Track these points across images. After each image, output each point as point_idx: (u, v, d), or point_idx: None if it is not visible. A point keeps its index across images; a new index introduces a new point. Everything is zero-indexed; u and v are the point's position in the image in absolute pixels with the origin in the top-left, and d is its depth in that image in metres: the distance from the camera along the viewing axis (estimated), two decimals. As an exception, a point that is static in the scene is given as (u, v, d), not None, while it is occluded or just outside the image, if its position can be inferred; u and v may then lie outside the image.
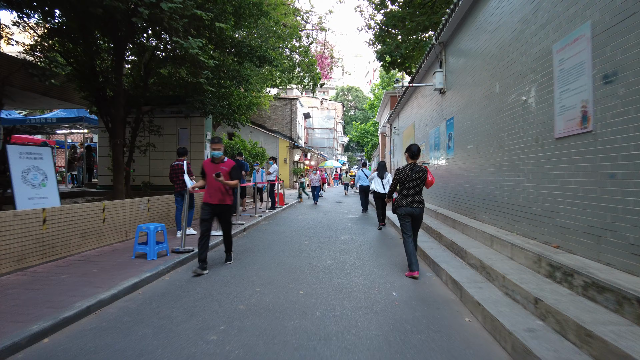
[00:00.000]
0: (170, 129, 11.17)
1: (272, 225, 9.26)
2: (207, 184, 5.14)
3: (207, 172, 5.13)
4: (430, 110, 10.09)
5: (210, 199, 5.07)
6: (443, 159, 8.65)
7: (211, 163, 5.20)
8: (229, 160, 5.28)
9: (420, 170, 4.80)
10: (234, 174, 5.18)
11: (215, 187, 5.06)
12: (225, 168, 5.12)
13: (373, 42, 21.07)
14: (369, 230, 8.66)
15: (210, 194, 5.08)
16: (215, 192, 5.07)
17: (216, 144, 5.13)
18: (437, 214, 7.89)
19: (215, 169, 5.05)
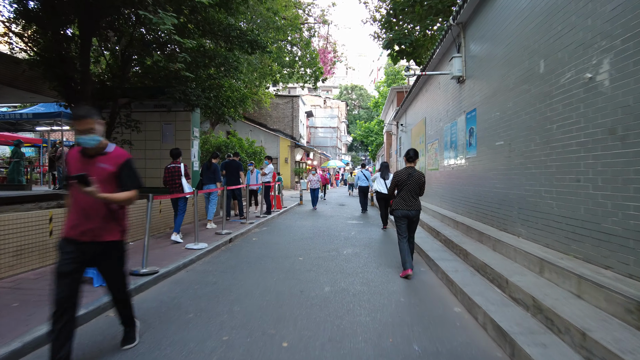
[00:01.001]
0: (154, 124, 10.06)
1: (264, 234, 8.11)
2: (71, 198, 2.58)
3: (70, 172, 2.53)
4: (445, 103, 8.89)
5: (72, 230, 2.51)
6: (462, 158, 7.46)
7: (80, 157, 2.58)
8: (117, 151, 2.71)
9: (418, 174, 4.96)
10: (125, 178, 2.64)
11: (83, 206, 2.51)
12: (107, 167, 2.57)
13: (378, 35, 20.00)
14: (376, 240, 7.49)
15: (73, 221, 2.52)
16: (84, 216, 2.51)
17: (83, 121, 2.45)
18: (457, 222, 6.70)
19: (82, 168, 2.51)
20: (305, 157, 32.94)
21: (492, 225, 5.72)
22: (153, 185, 9.89)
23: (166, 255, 5.56)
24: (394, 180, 5.07)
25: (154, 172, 10.01)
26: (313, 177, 14.32)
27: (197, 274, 4.97)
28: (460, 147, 7.59)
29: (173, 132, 9.95)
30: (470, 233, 5.87)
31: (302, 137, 33.16)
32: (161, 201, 7.61)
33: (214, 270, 5.14)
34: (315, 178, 14.27)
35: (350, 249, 6.58)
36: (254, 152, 15.85)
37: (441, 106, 9.33)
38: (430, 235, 7.21)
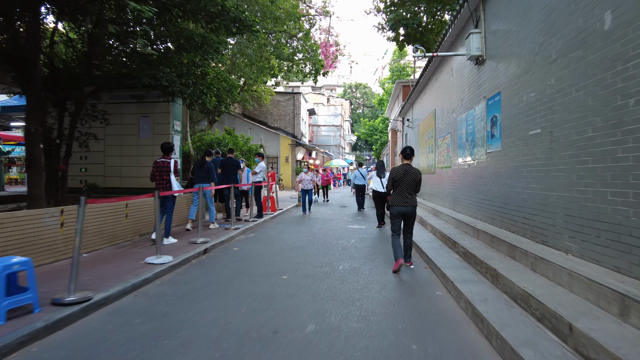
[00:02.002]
0: (130, 117, 9.00)
1: (248, 243, 6.98)
2: None
3: None
4: (460, 91, 7.71)
5: None
6: (481, 153, 6.28)
7: None
8: None
9: (414, 171, 4.98)
10: None
11: None
12: None
13: (382, 27, 18.92)
14: (379, 249, 6.32)
15: None
16: None
17: None
18: (477, 230, 5.52)
19: None
20: (307, 156, 31.81)
21: (525, 235, 4.54)
22: (129, 185, 8.86)
23: (116, 273, 4.45)
24: (390, 177, 5.10)
25: (130, 171, 8.96)
26: (305, 177, 11.70)
27: (147, 299, 3.86)
28: (479, 140, 6.41)
29: (151, 125, 8.87)
30: (497, 245, 4.69)
31: (303, 136, 32.04)
32: (127, 204, 6.51)
33: (171, 294, 4.02)
34: (308, 177, 11.65)
35: (347, 262, 5.42)
36: (249, 150, 14.74)
37: (454, 94, 8.15)
38: (445, 245, 6.03)
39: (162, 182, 6.21)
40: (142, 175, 8.62)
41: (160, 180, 6.21)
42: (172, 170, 6.24)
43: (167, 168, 6.22)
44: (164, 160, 6.27)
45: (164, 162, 6.25)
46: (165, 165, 6.23)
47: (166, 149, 6.38)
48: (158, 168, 6.24)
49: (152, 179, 6.28)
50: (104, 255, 5.44)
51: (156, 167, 6.26)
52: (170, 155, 6.38)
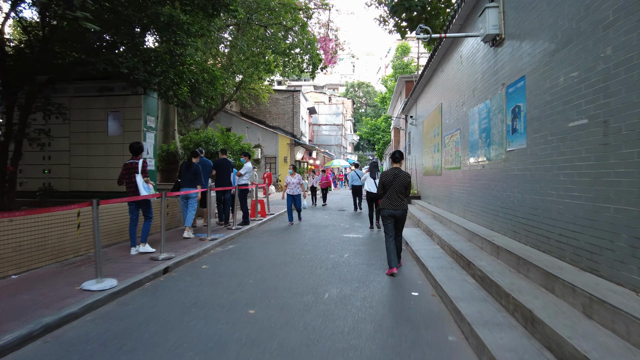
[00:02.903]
0: (98, 112, 8.01)
1: (223, 258, 5.96)
2: None
3: None
4: (471, 79, 6.65)
5: None
6: (499, 151, 5.22)
7: None
8: None
9: (404, 174, 5.00)
10: None
11: None
12: None
13: (384, 19, 17.94)
14: (377, 267, 5.28)
15: None
16: None
17: None
18: (497, 248, 4.46)
19: None
20: (307, 156, 30.81)
21: (563, 258, 3.48)
22: (98, 188, 7.89)
23: (33, 306, 3.45)
24: (380, 180, 5.16)
25: (98, 173, 7.99)
26: (291, 179, 9.52)
27: (56, 349, 2.85)
28: (496, 136, 5.35)
29: (120, 121, 7.87)
30: (525, 269, 3.63)
31: (303, 135, 31.03)
32: (79, 212, 5.52)
33: (95, 338, 3.00)
34: (295, 180, 9.51)
35: (336, 287, 4.39)
36: (240, 150, 13.74)
37: (464, 84, 7.09)
38: (456, 264, 4.98)
39: (130, 185, 5.63)
40: (112, 178, 7.59)
41: (130, 183, 5.63)
42: (139, 170, 5.62)
43: (136, 169, 5.63)
44: (132, 161, 5.69)
45: (133, 163, 5.67)
46: (134, 166, 5.65)
47: (136, 149, 5.79)
48: (128, 170, 5.67)
49: (120, 182, 5.74)
50: (37, 276, 4.45)
51: (126, 169, 5.70)
52: (140, 156, 5.79)
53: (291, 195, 9.59)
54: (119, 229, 6.49)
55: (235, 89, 23.69)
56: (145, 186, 5.67)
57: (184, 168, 7.36)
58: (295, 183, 9.54)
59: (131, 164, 5.68)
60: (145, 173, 5.76)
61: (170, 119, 14.14)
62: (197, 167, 7.37)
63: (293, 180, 9.57)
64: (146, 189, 5.68)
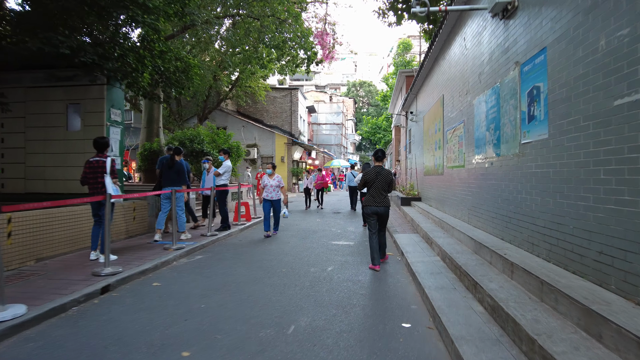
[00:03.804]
0: (56, 105, 7.16)
1: (182, 273, 5.07)
2: None
3: None
4: (476, 63, 5.73)
5: None
6: (511, 144, 4.30)
7: None
8: None
9: (385, 172, 5.15)
10: None
11: None
12: None
13: (383, 12, 17.09)
14: (362, 290, 4.37)
15: None
16: None
17: None
18: (510, 263, 3.52)
19: None
20: (305, 156, 29.93)
21: (607, 286, 2.55)
22: (57, 190, 7.06)
23: None
24: (363, 178, 5.28)
25: (56, 172, 7.13)
26: (269, 181, 7.71)
27: None
28: (508, 125, 4.43)
29: (81, 114, 7.01)
30: (553, 300, 2.70)
31: (302, 134, 30.15)
32: (10, 218, 4.65)
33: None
34: (274, 182, 7.70)
35: (308, 315, 3.47)
36: (230, 148, 12.88)
37: (469, 70, 6.17)
38: (460, 283, 4.05)
39: (97, 186, 5.07)
40: (72, 178, 6.80)
41: (96, 184, 5.08)
42: (108, 171, 5.05)
43: (103, 169, 5.06)
44: (98, 160, 5.12)
45: (99, 162, 5.10)
46: (101, 165, 5.08)
47: (100, 145, 5.23)
48: (92, 169, 5.10)
49: (84, 182, 5.14)
50: None
51: (89, 167, 5.11)
52: (106, 152, 5.26)
53: (269, 201, 7.66)
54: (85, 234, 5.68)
55: (231, 86, 22.89)
56: (114, 187, 5.03)
57: (165, 167, 6.75)
58: (274, 186, 7.69)
59: (97, 162, 5.09)
60: (114, 173, 5.18)
61: (154, 116, 13.30)
62: (180, 165, 6.82)
63: (271, 182, 7.68)
64: (115, 190, 5.04)
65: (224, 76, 21.46)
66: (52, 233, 5.29)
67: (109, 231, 4.56)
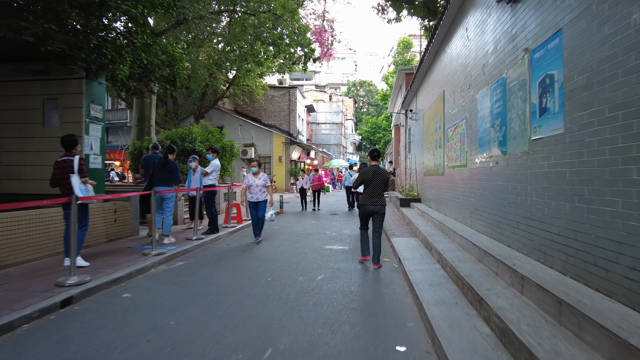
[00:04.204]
0: (32, 100, 6.75)
1: (158, 282, 4.64)
2: None
3: None
4: (480, 54, 5.30)
5: None
6: (519, 140, 3.87)
7: None
8: None
9: (382, 171, 5.21)
10: None
11: None
12: None
13: (383, 8, 16.73)
14: (353, 304, 3.95)
15: None
16: None
17: None
18: (520, 276, 3.08)
19: None
20: (304, 156, 29.49)
21: (640, 308, 2.13)
22: (33, 190, 6.66)
23: None
24: (359, 177, 5.30)
25: (33, 172, 6.73)
26: (255, 180, 6.95)
27: None
28: (516, 120, 4.00)
29: (58, 110, 6.59)
30: (576, 325, 2.26)
31: (300, 134, 29.73)
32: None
33: None
34: (260, 181, 6.95)
35: (288, 335, 3.04)
36: (222, 148, 12.47)
37: (471, 62, 5.73)
38: (463, 297, 3.62)
39: (66, 187, 4.66)
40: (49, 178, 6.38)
41: (66, 184, 4.67)
42: (75, 170, 4.70)
43: (71, 168, 4.71)
44: (66, 159, 4.78)
45: (67, 161, 4.75)
46: (69, 164, 4.73)
47: (67, 142, 4.87)
48: (60, 169, 4.75)
49: (54, 184, 4.81)
50: None
51: (57, 167, 4.77)
52: (74, 151, 4.92)
53: (253, 202, 6.91)
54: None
55: (228, 85, 22.47)
56: (82, 188, 4.68)
57: (157, 166, 6.50)
58: (259, 185, 6.90)
59: (64, 161, 4.77)
60: (83, 172, 4.80)
61: (145, 114, 12.88)
62: (173, 164, 6.54)
63: (256, 181, 6.89)
64: (83, 190, 4.68)
65: (221, 74, 21.04)
66: (17, 237, 4.87)
67: (74, 236, 4.13)
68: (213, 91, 23.61)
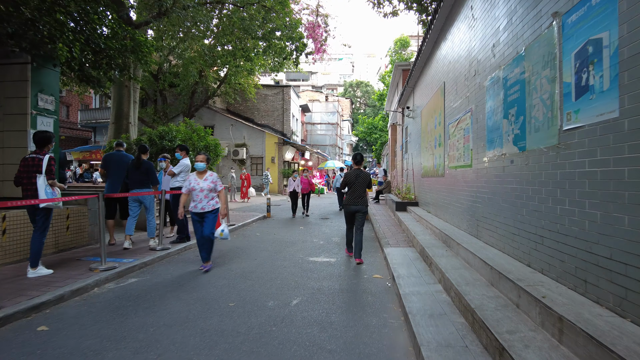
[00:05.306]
0: (-31, 88, 5.82)
1: (93, 309, 3.75)
2: None
3: None
4: (489, 33, 4.45)
5: None
6: (545, 132, 3.02)
7: None
8: None
9: (364, 174, 5.60)
10: None
11: None
12: None
13: (379, 2, 16.01)
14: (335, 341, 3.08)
15: None
16: None
17: None
18: (547, 311, 2.22)
19: None
20: (298, 157, 28.62)
21: None
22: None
23: None
24: (344, 180, 5.71)
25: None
26: (198, 183, 4.95)
27: None
28: (539, 107, 3.15)
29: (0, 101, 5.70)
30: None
31: (294, 134, 28.86)
32: None
33: None
34: (205, 185, 4.93)
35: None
36: (205, 147, 11.59)
37: (478, 45, 4.89)
38: (475, 338, 2.76)
39: (31, 188, 4.35)
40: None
41: (30, 184, 4.35)
42: (43, 170, 4.34)
43: (38, 168, 4.36)
44: (34, 157, 4.41)
45: (35, 159, 4.40)
46: (36, 163, 4.38)
47: (39, 139, 4.48)
48: (27, 167, 4.38)
49: (17, 183, 4.42)
50: None
51: (24, 165, 4.41)
52: (47, 149, 4.55)
53: (197, 214, 4.93)
54: None
55: (219, 83, 21.58)
56: (48, 191, 4.37)
57: (131, 168, 6.03)
58: (204, 190, 4.89)
59: (32, 159, 4.39)
60: (51, 173, 4.45)
61: (123, 110, 11.99)
62: (148, 164, 6.05)
63: (201, 183, 4.91)
64: (50, 194, 4.36)
65: (211, 72, 20.17)
66: None
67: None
68: (203, 89, 22.76)
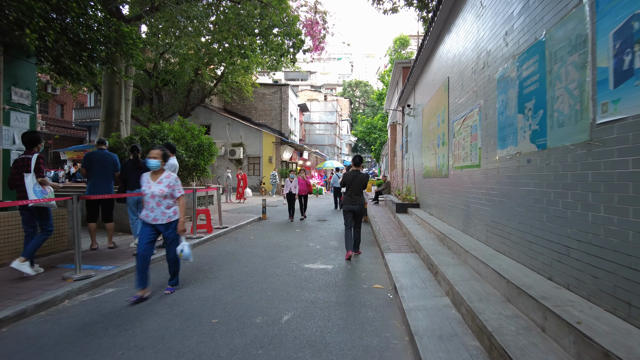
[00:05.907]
0: (-63, 81, 5.39)
1: (53, 329, 3.32)
2: None
3: None
4: (501, 19, 4.05)
5: None
6: (568, 129, 2.62)
7: None
8: None
9: (361, 175, 5.81)
10: None
11: None
12: None
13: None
14: None
15: None
16: None
17: None
18: (585, 341, 1.82)
19: None
20: (296, 157, 28.20)
21: None
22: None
23: None
24: (342, 180, 5.91)
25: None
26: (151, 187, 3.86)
27: None
28: (564, 98, 2.74)
29: (-32, 94, 5.27)
30: None
31: (292, 134, 28.45)
32: None
33: None
34: (157, 189, 3.84)
35: None
36: (199, 146, 11.16)
37: (487, 34, 4.49)
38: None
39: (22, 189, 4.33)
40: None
41: (22, 185, 4.33)
42: (31, 169, 4.33)
43: (27, 167, 4.36)
44: (24, 157, 4.46)
45: (24, 160, 4.43)
46: (26, 163, 4.40)
47: (28, 140, 4.51)
48: (18, 169, 4.39)
49: (11, 185, 4.39)
50: None
51: (15, 167, 4.41)
52: (36, 149, 4.55)
53: (150, 226, 3.87)
54: None
55: (216, 81, 21.16)
56: (37, 189, 4.33)
57: (130, 168, 5.96)
58: (156, 196, 3.86)
59: (22, 160, 4.41)
60: (41, 172, 4.42)
61: (114, 108, 11.56)
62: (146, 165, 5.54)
63: (153, 187, 3.87)
64: (38, 192, 4.32)
65: (208, 70, 19.75)
66: None
67: None
68: (200, 88, 22.33)
